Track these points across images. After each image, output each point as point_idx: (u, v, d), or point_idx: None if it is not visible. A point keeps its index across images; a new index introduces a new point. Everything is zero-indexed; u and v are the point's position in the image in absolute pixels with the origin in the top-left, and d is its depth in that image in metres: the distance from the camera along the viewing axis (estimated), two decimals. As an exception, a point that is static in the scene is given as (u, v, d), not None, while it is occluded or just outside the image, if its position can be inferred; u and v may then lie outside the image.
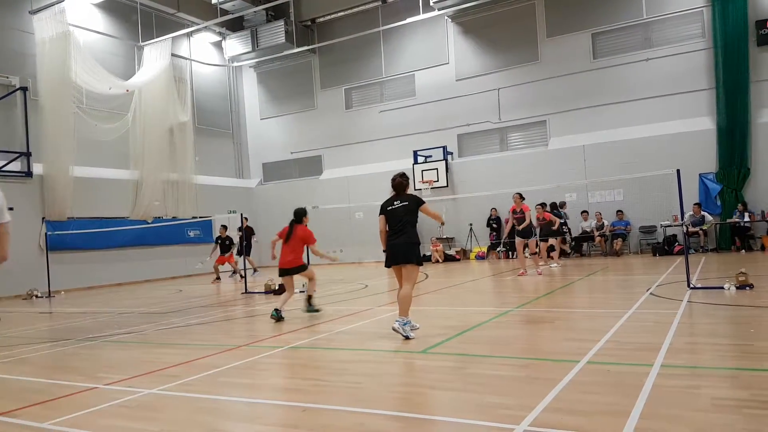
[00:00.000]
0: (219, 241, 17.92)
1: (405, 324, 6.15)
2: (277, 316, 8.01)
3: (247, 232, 17.56)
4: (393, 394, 4.27)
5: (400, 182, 6.58)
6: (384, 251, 6.54)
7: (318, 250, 8.62)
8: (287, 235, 8.45)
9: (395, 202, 6.48)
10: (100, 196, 18.38)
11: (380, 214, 6.58)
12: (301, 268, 8.50)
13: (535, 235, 13.88)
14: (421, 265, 6.49)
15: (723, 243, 16.70)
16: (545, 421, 3.37)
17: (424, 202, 6.53)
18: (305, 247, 8.69)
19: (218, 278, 17.62)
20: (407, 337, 6.06)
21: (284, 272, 8.43)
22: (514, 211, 13.17)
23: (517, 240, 13.23)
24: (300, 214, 8.62)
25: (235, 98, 24.96)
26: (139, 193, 19.56)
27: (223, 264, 18.02)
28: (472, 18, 20.60)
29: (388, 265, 6.47)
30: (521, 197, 13.03)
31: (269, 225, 19.96)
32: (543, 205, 14.79)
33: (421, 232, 21.69)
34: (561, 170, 18.18)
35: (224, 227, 18.11)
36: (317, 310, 8.52)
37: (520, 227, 12.90)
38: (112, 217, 18.67)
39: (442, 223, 7.45)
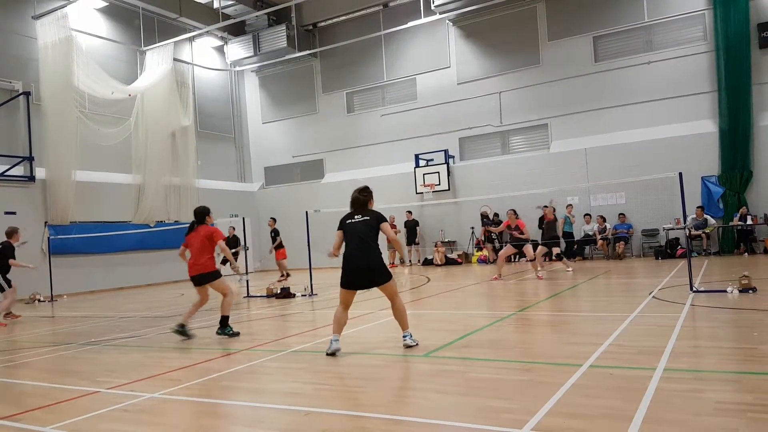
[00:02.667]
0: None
1: (409, 336, 5.91)
2: (182, 332, 7.27)
3: (233, 241, 17.74)
4: (395, 398, 4.26)
5: (356, 197, 6.10)
6: (343, 268, 5.88)
7: (226, 248, 7.55)
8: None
9: (355, 217, 5.99)
10: (102, 200, 18.42)
11: (338, 228, 6.05)
12: (211, 276, 7.43)
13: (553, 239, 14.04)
14: (391, 277, 5.93)
15: (726, 246, 16.66)
16: (548, 425, 3.36)
17: (385, 220, 6.03)
18: (215, 249, 7.58)
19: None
20: (417, 344, 5.84)
21: (193, 280, 7.53)
22: (508, 227, 13.17)
23: (508, 247, 13.59)
24: (202, 213, 7.67)
25: (237, 102, 25.01)
26: (141, 197, 19.59)
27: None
28: (474, 22, 20.63)
29: (347, 287, 5.84)
30: (515, 214, 13.08)
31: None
32: (540, 208, 14.74)
33: (423, 236, 21.79)
34: (563, 173, 18.17)
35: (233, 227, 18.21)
36: (234, 334, 7.31)
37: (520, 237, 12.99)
38: (114, 221, 18.69)
39: (401, 260, 6.77)
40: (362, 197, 6.09)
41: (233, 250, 18.04)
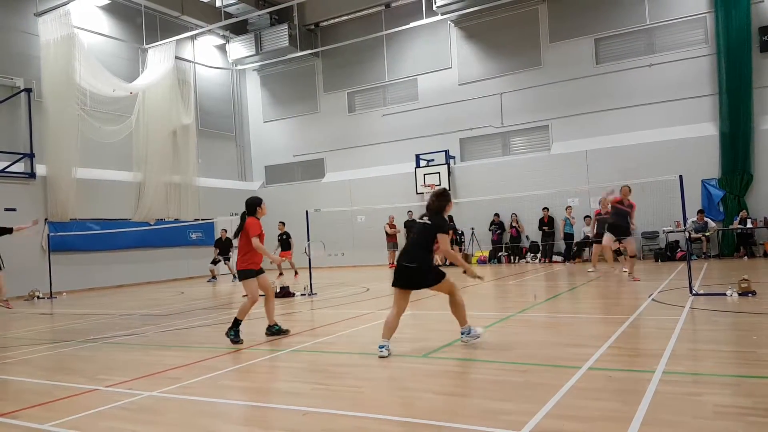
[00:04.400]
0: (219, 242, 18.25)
1: (470, 332, 5.91)
2: (272, 332, 7.01)
3: (225, 244, 17.94)
4: (394, 399, 4.26)
5: (430, 202, 6.03)
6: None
7: (259, 245, 6.86)
8: (237, 231, 7.04)
9: (423, 218, 5.99)
10: (102, 198, 18.42)
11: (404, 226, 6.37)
12: (242, 274, 6.90)
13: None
14: (444, 274, 5.87)
15: (726, 249, 16.66)
16: (547, 427, 3.36)
17: (444, 231, 5.82)
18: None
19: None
20: (477, 336, 5.86)
21: (239, 274, 7.06)
22: (620, 203, 11.62)
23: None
24: (253, 204, 7.08)
25: (238, 101, 25.01)
26: (141, 195, 19.60)
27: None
28: (475, 23, 20.63)
29: (393, 284, 5.89)
30: (630, 191, 11.64)
31: (271, 228, 19.96)
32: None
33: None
34: (563, 175, 18.17)
35: (224, 230, 18.39)
36: (237, 341, 6.71)
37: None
38: (114, 219, 18.70)
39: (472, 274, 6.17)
40: (435, 203, 5.97)
41: (226, 256, 18.16)
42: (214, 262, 18.32)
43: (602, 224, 12.83)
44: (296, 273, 18.10)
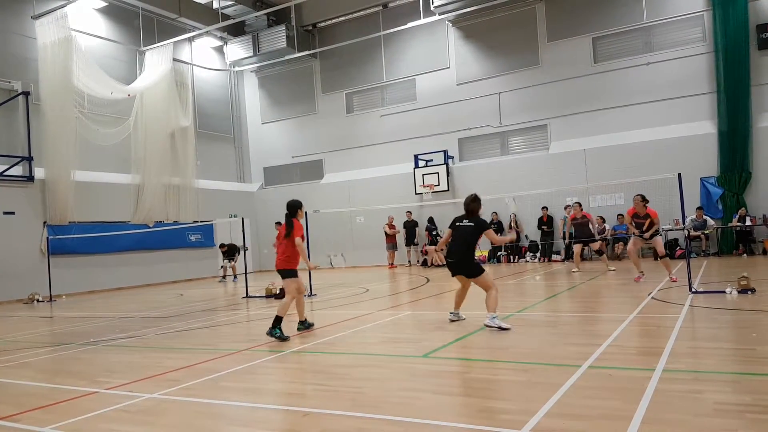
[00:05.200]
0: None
1: (494, 318, 6.68)
2: (304, 327, 7.49)
3: (230, 248, 18.25)
4: (394, 399, 4.26)
5: (467, 205, 7.31)
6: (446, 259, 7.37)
7: (301, 244, 7.25)
8: (287, 233, 7.40)
9: (464, 221, 7.26)
10: (101, 201, 18.40)
11: (449, 227, 7.39)
12: (285, 273, 7.33)
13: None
14: (482, 271, 7.08)
15: (725, 247, 16.67)
16: (547, 426, 3.36)
17: (489, 227, 7.27)
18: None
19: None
20: (501, 328, 6.55)
21: (281, 273, 7.49)
22: (635, 215, 11.41)
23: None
24: (294, 207, 7.50)
25: (236, 103, 25.01)
26: (140, 197, 19.57)
27: None
28: (473, 22, 20.64)
29: (452, 274, 7.32)
30: (643, 200, 11.27)
31: (270, 229, 19.98)
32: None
33: (422, 236, 21.72)
34: (562, 174, 18.18)
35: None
36: (283, 338, 6.86)
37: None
38: (113, 222, 18.68)
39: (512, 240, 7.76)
40: (471, 206, 7.27)
41: (232, 258, 18.28)
42: (231, 257, 18.46)
43: (578, 228, 14.14)
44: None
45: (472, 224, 7.17)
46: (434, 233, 19.95)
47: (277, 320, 6.92)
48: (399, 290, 12.86)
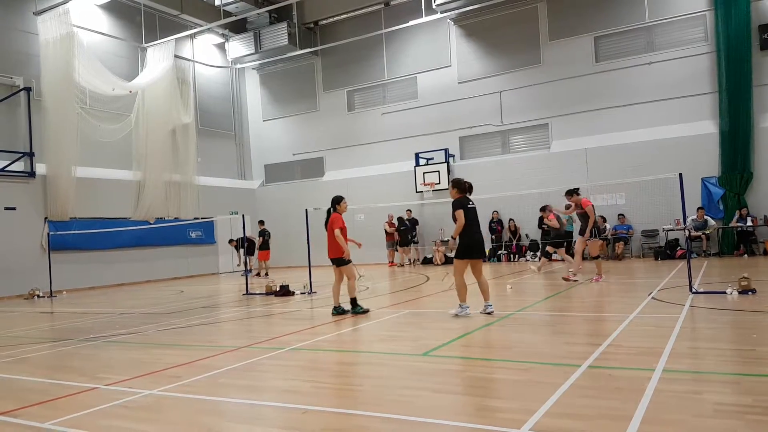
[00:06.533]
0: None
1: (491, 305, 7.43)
2: (338, 312, 8.46)
3: (251, 243, 18.48)
4: (394, 397, 4.27)
5: (470, 185, 7.77)
6: (465, 243, 7.50)
7: (339, 236, 8.55)
8: (325, 223, 8.81)
9: (470, 203, 7.58)
10: (102, 197, 18.41)
11: (460, 208, 7.46)
12: (336, 262, 8.55)
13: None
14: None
15: (725, 247, 16.66)
16: (546, 426, 3.36)
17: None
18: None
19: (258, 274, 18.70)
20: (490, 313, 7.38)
21: (334, 262, 8.69)
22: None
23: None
24: (334, 201, 8.85)
25: (237, 100, 24.99)
26: (141, 193, 19.58)
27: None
28: (475, 21, 20.61)
29: (471, 256, 7.56)
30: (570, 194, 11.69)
31: (271, 226, 19.99)
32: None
33: (423, 234, 21.83)
34: (563, 173, 18.16)
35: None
36: (364, 311, 8.48)
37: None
38: (114, 218, 18.70)
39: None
40: (470, 187, 7.76)
41: (251, 253, 18.53)
42: (250, 251, 18.61)
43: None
44: (266, 274, 18.46)
45: (474, 205, 7.58)
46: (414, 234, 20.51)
47: (353, 301, 8.42)
48: (399, 288, 12.86)
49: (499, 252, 19.49)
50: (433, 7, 19.78)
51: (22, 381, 5.50)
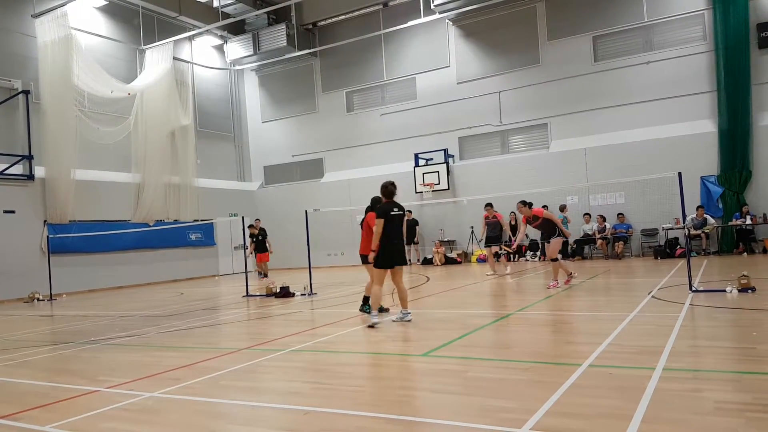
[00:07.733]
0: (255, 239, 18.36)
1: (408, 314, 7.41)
2: (379, 311, 7.96)
3: (261, 242, 18.35)
4: (394, 398, 4.27)
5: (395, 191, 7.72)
6: (378, 252, 7.40)
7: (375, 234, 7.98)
8: (361, 222, 8.68)
9: (395, 209, 7.51)
10: (101, 199, 18.40)
11: (383, 217, 7.33)
12: (363, 259, 8.18)
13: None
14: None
15: (725, 246, 16.67)
16: (547, 425, 3.36)
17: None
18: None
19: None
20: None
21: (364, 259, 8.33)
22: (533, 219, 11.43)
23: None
24: (373, 200, 8.57)
25: (236, 101, 25.00)
26: (140, 196, 19.57)
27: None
28: (473, 21, 20.62)
29: (390, 265, 7.47)
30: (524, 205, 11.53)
31: (271, 227, 19.97)
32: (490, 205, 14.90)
33: (423, 235, 21.82)
34: (562, 173, 18.17)
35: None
36: (384, 309, 8.28)
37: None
38: (113, 220, 18.69)
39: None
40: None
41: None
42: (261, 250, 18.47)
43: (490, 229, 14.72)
44: (265, 275, 18.42)
45: (401, 212, 7.82)
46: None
47: (366, 300, 8.52)
48: (392, 284, 12.82)
49: (500, 252, 19.41)
50: (432, 7, 19.80)
51: (22, 384, 5.50)
